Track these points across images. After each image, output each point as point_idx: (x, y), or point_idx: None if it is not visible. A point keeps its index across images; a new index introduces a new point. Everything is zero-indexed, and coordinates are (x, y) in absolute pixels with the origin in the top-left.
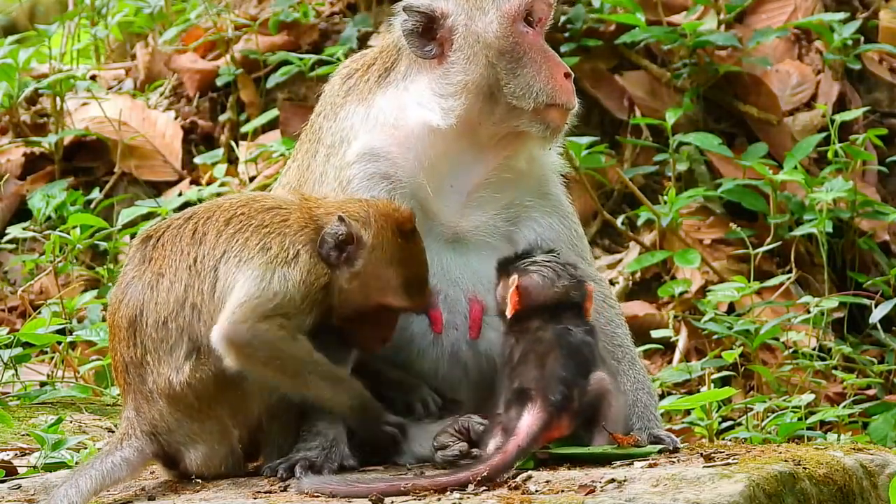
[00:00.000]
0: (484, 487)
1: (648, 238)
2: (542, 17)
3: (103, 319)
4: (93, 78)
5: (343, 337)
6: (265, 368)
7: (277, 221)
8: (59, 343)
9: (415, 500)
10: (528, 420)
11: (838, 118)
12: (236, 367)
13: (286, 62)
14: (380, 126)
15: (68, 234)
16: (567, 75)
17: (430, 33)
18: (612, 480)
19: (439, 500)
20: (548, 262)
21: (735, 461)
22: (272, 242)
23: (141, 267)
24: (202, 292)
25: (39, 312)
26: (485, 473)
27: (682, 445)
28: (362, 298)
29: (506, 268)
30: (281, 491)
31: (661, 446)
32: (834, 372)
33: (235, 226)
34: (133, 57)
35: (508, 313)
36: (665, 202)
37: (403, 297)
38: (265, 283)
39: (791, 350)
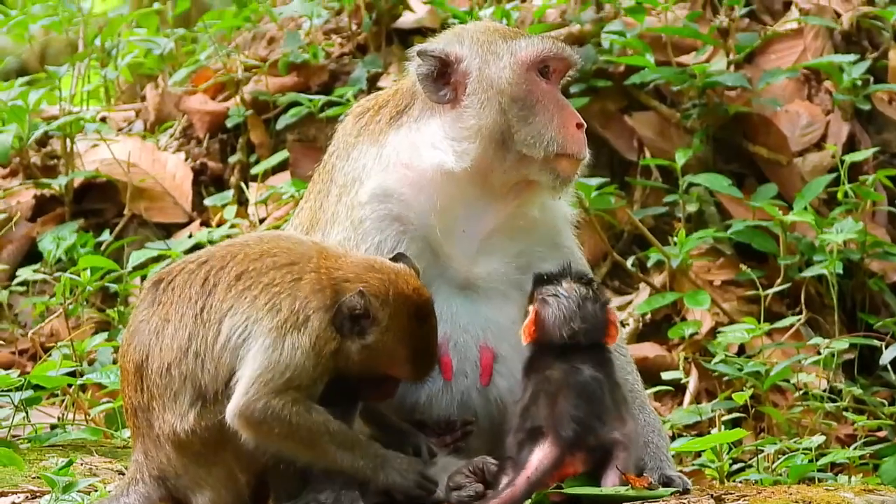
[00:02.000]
0: None
1: (658, 279)
2: (558, 70)
3: (114, 362)
4: (103, 119)
5: (349, 388)
6: (283, 443)
7: (289, 281)
8: (70, 385)
9: None
10: (539, 455)
11: (848, 159)
12: (254, 443)
13: (296, 103)
14: (392, 166)
15: (78, 276)
16: (579, 126)
17: (444, 77)
18: None
19: None
20: (567, 295)
21: (746, 503)
22: (282, 304)
23: (150, 310)
24: (206, 342)
25: (50, 355)
26: None
27: (692, 487)
28: (367, 368)
29: (536, 286)
30: None
31: (672, 488)
32: (845, 413)
33: (246, 281)
34: (143, 98)
35: (523, 342)
36: (675, 243)
37: (409, 372)
38: (276, 353)
39: (802, 392)
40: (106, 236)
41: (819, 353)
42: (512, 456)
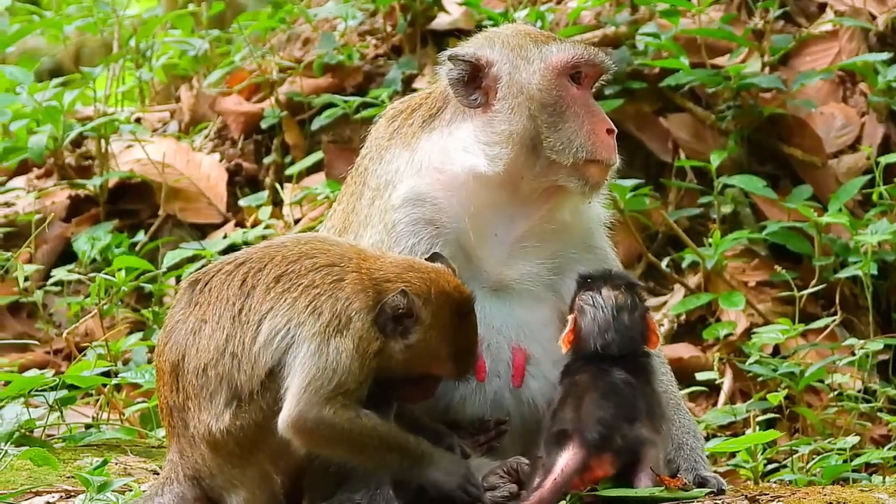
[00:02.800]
0: None
1: (693, 280)
2: (590, 76)
3: (148, 362)
4: (137, 120)
5: (384, 389)
6: (336, 449)
7: (329, 282)
8: (105, 385)
9: None
10: (565, 458)
11: (883, 160)
12: (306, 451)
13: (331, 104)
14: (424, 170)
15: (113, 276)
16: (610, 131)
17: (475, 82)
18: None
19: None
20: (604, 305)
21: (780, 503)
22: (323, 306)
23: (186, 311)
24: (243, 343)
25: (85, 355)
26: None
27: (727, 487)
28: (410, 368)
29: (578, 291)
30: None
31: (707, 489)
32: (879, 414)
33: (285, 284)
34: (177, 99)
35: (563, 350)
36: (710, 244)
37: (451, 369)
38: (322, 359)
39: (836, 392)
40: (140, 237)
41: (853, 354)
42: (542, 456)
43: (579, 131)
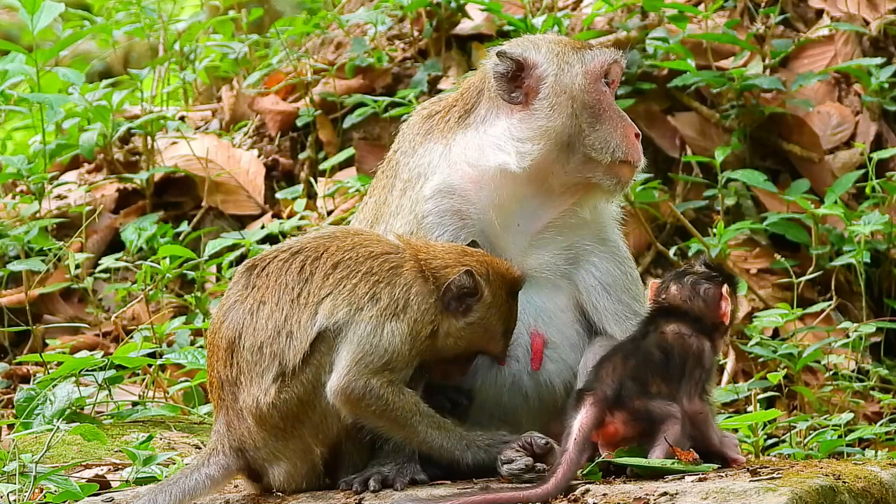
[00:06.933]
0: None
1: None
2: (616, 80)
3: (191, 343)
4: (181, 119)
5: (423, 369)
6: (378, 420)
7: (387, 269)
8: (150, 365)
9: None
10: (579, 420)
11: (875, 156)
12: (351, 419)
13: (361, 104)
14: (457, 164)
15: (158, 264)
16: (637, 136)
17: (516, 80)
18: (665, 493)
19: None
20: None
21: (779, 476)
22: (382, 293)
23: (244, 293)
24: (300, 322)
25: (132, 337)
26: (551, 491)
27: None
28: (466, 345)
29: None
30: None
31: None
32: (871, 392)
33: (343, 270)
34: (219, 99)
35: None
36: (714, 234)
37: (501, 346)
38: (376, 338)
39: (831, 372)
40: (184, 227)
41: (848, 337)
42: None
43: (615, 132)
